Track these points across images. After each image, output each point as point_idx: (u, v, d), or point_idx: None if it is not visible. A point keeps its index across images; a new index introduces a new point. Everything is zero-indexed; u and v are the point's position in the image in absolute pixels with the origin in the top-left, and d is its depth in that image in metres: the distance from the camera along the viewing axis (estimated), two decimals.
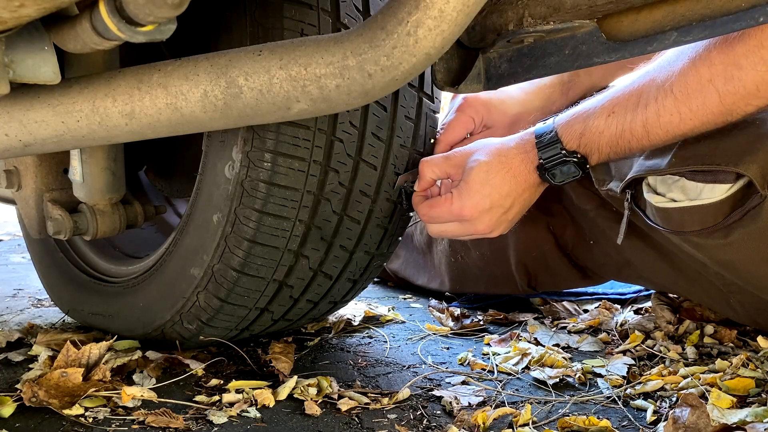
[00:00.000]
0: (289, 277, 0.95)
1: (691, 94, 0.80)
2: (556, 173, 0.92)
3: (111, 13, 0.56)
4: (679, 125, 0.82)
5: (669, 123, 0.82)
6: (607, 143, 0.88)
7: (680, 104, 0.81)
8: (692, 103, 0.80)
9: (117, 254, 1.23)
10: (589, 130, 0.89)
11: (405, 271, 1.53)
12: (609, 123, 0.87)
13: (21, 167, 1.10)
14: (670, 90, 0.81)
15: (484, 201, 0.93)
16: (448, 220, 0.97)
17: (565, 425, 0.78)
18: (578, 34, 0.75)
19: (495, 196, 0.93)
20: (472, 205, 0.93)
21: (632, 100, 0.85)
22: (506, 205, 0.94)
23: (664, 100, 0.82)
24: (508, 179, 0.93)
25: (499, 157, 0.94)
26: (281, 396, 0.88)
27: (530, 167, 0.93)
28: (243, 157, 0.86)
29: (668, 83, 0.82)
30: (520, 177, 0.93)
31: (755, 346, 1.00)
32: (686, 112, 0.81)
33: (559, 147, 0.90)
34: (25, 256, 2.08)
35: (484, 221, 0.95)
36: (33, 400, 0.83)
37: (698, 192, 0.85)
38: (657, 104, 0.83)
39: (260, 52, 0.66)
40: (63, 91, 0.73)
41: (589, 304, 1.34)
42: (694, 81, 0.80)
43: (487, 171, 0.93)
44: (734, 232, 0.85)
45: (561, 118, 0.92)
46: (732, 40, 0.76)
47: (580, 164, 0.90)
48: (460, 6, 0.57)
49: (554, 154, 0.91)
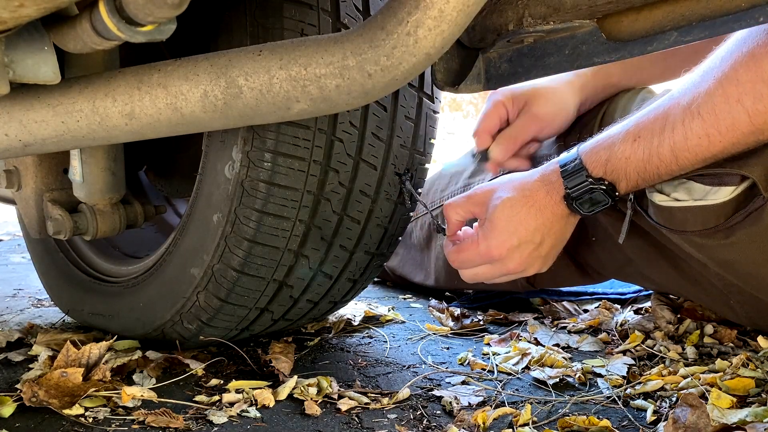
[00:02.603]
0: (289, 277, 0.95)
1: (719, 115, 0.77)
2: (584, 202, 0.89)
3: (111, 13, 0.56)
4: (708, 148, 0.79)
5: (698, 146, 0.80)
6: (634, 169, 0.85)
7: (708, 126, 0.78)
8: (721, 124, 0.77)
9: (117, 254, 1.23)
10: (615, 156, 0.86)
11: (403, 268, 1.53)
12: (635, 148, 0.84)
13: (21, 167, 1.10)
14: (698, 112, 0.79)
15: (511, 238, 0.91)
16: (479, 263, 0.95)
17: (565, 425, 0.78)
18: (578, 34, 0.75)
19: (522, 232, 0.91)
20: (499, 244, 0.92)
21: (658, 123, 0.83)
22: (536, 241, 0.92)
23: (691, 123, 0.79)
24: (533, 213, 0.91)
25: (523, 192, 0.92)
26: (281, 396, 0.88)
27: (556, 198, 0.90)
28: (243, 156, 0.86)
29: (695, 105, 0.79)
30: (546, 210, 0.91)
31: (755, 346, 1.00)
32: (715, 134, 0.78)
33: (584, 175, 0.87)
34: (25, 256, 2.08)
35: (514, 259, 0.93)
36: (33, 400, 0.84)
37: (704, 193, 0.84)
38: (684, 127, 0.80)
39: (260, 52, 0.66)
40: (63, 91, 0.73)
41: (589, 304, 1.34)
42: (722, 101, 0.77)
43: (511, 207, 0.91)
44: (736, 233, 0.85)
45: (585, 145, 0.90)
46: (758, 56, 0.74)
47: (608, 192, 0.87)
48: (460, 6, 0.57)
49: (580, 183, 0.88)
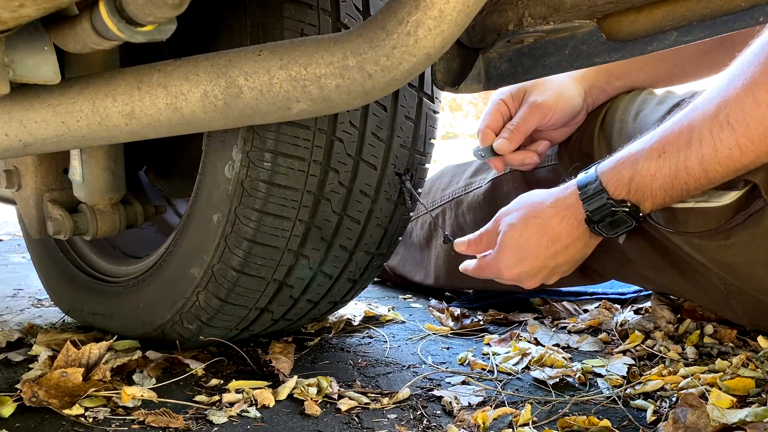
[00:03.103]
0: (289, 277, 0.95)
1: (750, 124, 0.74)
2: (606, 225, 0.87)
3: (111, 13, 0.56)
4: (740, 158, 0.76)
5: (728, 158, 0.76)
6: (660, 186, 0.82)
7: (740, 135, 0.75)
8: (752, 133, 0.74)
9: (117, 254, 1.23)
10: (639, 174, 0.82)
11: (403, 268, 1.53)
12: (661, 164, 0.80)
13: (21, 167, 1.10)
14: (727, 121, 0.75)
15: (520, 265, 0.93)
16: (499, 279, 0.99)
17: (565, 425, 0.78)
18: (578, 34, 0.75)
19: (530, 260, 0.92)
20: (508, 269, 0.94)
21: (684, 136, 0.79)
22: (549, 265, 0.93)
23: (720, 134, 0.76)
24: (544, 242, 0.90)
25: (534, 220, 0.91)
26: (281, 396, 0.88)
27: (574, 222, 0.89)
28: (243, 156, 0.86)
29: (723, 114, 0.76)
30: (559, 236, 0.90)
31: (755, 346, 1.00)
32: (747, 144, 0.75)
33: (605, 197, 0.85)
34: (25, 256, 2.08)
35: (528, 280, 0.96)
36: (33, 400, 0.83)
37: (707, 195, 0.84)
38: (713, 138, 0.76)
39: (260, 52, 0.66)
40: (63, 91, 0.73)
41: (589, 304, 1.34)
42: (752, 108, 0.73)
43: (520, 235, 0.92)
44: (736, 235, 0.85)
45: (604, 165, 0.87)
46: None
47: (632, 214, 0.85)
48: (460, 6, 0.57)
49: (601, 205, 0.85)
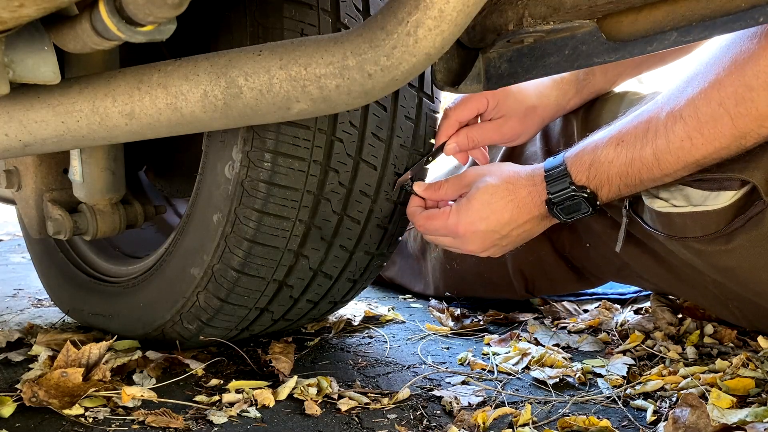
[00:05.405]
0: (289, 277, 0.95)
1: (701, 119, 0.77)
2: (565, 209, 0.90)
3: (111, 13, 0.56)
4: (690, 152, 0.80)
5: (680, 149, 0.80)
6: (617, 173, 0.86)
7: (690, 129, 0.78)
8: (703, 127, 0.78)
9: (117, 254, 1.23)
10: (598, 160, 0.86)
11: (401, 278, 1.53)
12: (618, 152, 0.85)
13: (21, 167, 1.10)
14: (680, 116, 0.79)
15: (480, 223, 0.92)
16: (443, 234, 0.96)
17: (565, 425, 0.78)
18: (578, 34, 0.75)
19: (492, 221, 0.92)
20: (468, 224, 0.93)
21: (641, 128, 0.83)
22: (503, 233, 0.94)
23: (673, 126, 0.80)
24: (510, 207, 0.92)
25: (508, 184, 0.93)
26: (281, 396, 0.88)
27: (537, 201, 0.91)
28: (243, 157, 0.86)
29: (677, 109, 0.80)
30: (524, 208, 0.92)
31: (755, 346, 1.00)
32: (698, 138, 0.78)
33: (567, 181, 0.88)
34: (25, 256, 2.08)
35: (476, 242, 0.95)
36: (33, 400, 0.84)
37: (703, 199, 0.84)
38: (667, 131, 0.80)
39: (260, 52, 0.66)
40: (63, 91, 0.73)
41: (589, 304, 1.34)
42: (704, 104, 0.77)
43: (492, 194, 0.92)
44: (736, 239, 0.84)
45: (571, 151, 0.91)
46: (741, 62, 0.75)
47: (590, 200, 0.88)
48: (460, 6, 0.57)
49: (562, 189, 0.89)
